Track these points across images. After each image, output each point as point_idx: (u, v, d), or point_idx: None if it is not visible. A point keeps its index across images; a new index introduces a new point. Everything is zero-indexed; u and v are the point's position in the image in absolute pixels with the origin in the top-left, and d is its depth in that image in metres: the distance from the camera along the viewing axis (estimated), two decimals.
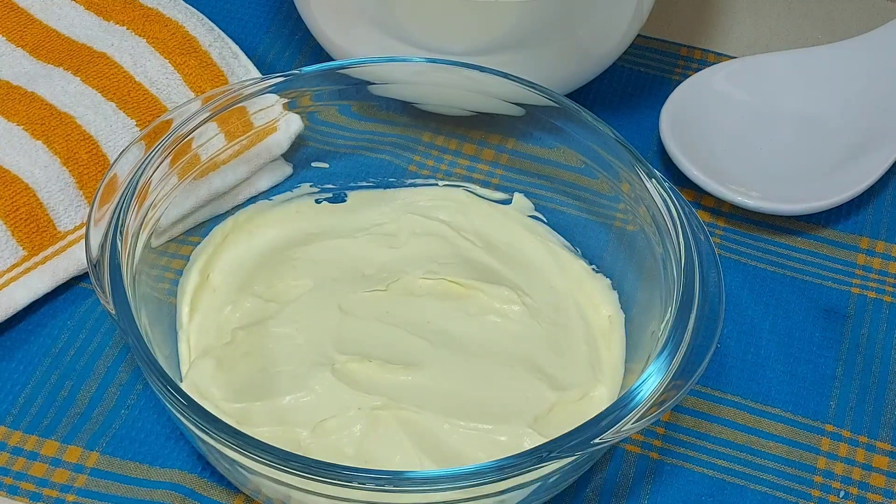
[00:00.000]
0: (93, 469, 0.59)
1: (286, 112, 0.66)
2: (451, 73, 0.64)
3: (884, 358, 0.66)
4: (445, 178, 0.69)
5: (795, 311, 0.67)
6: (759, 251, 0.70)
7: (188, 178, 0.63)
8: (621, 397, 0.54)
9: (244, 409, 0.58)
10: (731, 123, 0.72)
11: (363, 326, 0.62)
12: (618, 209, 0.64)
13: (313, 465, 0.51)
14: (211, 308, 0.63)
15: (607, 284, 0.65)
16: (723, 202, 0.71)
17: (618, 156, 0.62)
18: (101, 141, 0.66)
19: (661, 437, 0.62)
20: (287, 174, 0.69)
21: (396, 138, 0.69)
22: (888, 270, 0.69)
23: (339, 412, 0.58)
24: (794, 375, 0.65)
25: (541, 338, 0.62)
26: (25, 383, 0.62)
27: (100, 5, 0.72)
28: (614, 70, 0.76)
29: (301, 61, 0.77)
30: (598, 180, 0.64)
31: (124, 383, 0.62)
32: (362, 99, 0.66)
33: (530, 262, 0.66)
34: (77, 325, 0.64)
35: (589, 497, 0.60)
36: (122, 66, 0.68)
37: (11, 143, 0.65)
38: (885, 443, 0.63)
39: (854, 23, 0.81)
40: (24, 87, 0.67)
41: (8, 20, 0.71)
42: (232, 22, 0.78)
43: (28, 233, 0.63)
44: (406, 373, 0.60)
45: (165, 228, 0.62)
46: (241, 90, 0.63)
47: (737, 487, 0.61)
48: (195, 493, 0.58)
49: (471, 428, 0.58)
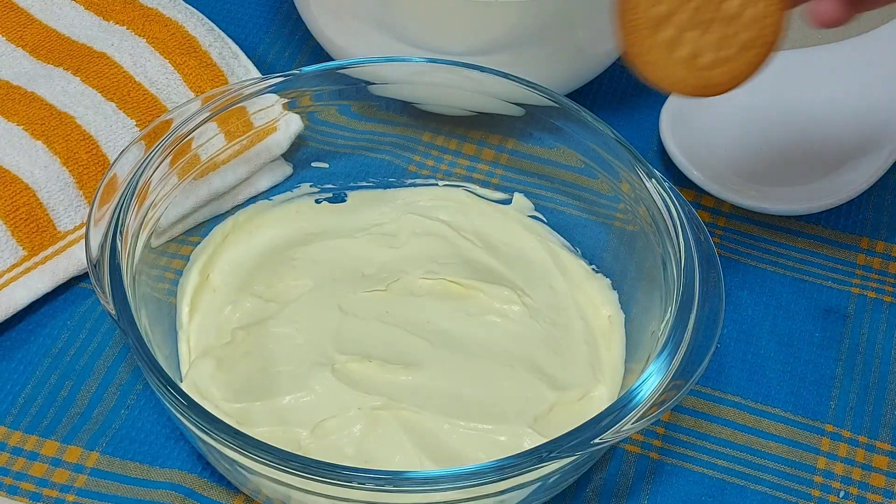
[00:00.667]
0: (93, 469, 0.59)
1: (286, 112, 0.66)
2: (451, 73, 0.64)
3: (884, 358, 0.66)
4: (445, 178, 0.69)
5: (795, 311, 0.67)
6: (759, 251, 0.70)
7: (188, 178, 0.63)
8: (621, 397, 0.54)
9: (244, 409, 0.58)
10: (731, 123, 0.72)
11: (363, 326, 0.62)
12: (618, 209, 0.64)
13: (313, 465, 0.51)
14: (211, 308, 0.63)
15: (607, 284, 0.65)
16: (723, 202, 0.71)
17: (618, 156, 0.62)
18: (101, 141, 0.66)
19: (661, 437, 0.62)
20: (287, 174, 0.69)
21: (396, 138, 0.69)
22: (888, 270, 0.69)
23: (339, 412, 0.58)
24: (794, 375, 0.65)
25: (541, 338, 0.62)
26: (25, 383, 0.62)
27: (100, 5, 0.72)
28: (614, 70, 0.76)
29: (301, 61, 0.77)
30: (598, 180, 0.64)
31: (124, 383, 0.62)
32: (362, 99, 0.66)
33: (530, 262, 0.66)
34: (77, 325, 0.64)
35: (589, 497, 0.60)
36: (122, 66, 0.68)
37: (11, 143, 0.65)
38: (885, 443, 0.63)
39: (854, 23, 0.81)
40: (24, 87, 0.67)
41: (8, 20, 0.71)
42: (232, 22, 0.78)
43: (28, 233, 0.63)
44: (406, 373, 0.60)
45: (165, 228, 0.62)
46: (241, 90, 0.63)
47: (737, 487, 0.61)
48: (195, 493, 0.58)
49: (471, 428, 0.58)
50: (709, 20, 0.49)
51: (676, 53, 0.50)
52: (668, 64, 0.50)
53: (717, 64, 0.50)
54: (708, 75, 0.50)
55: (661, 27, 0.50)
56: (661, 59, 0.50)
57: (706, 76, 0.50)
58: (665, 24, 0.50)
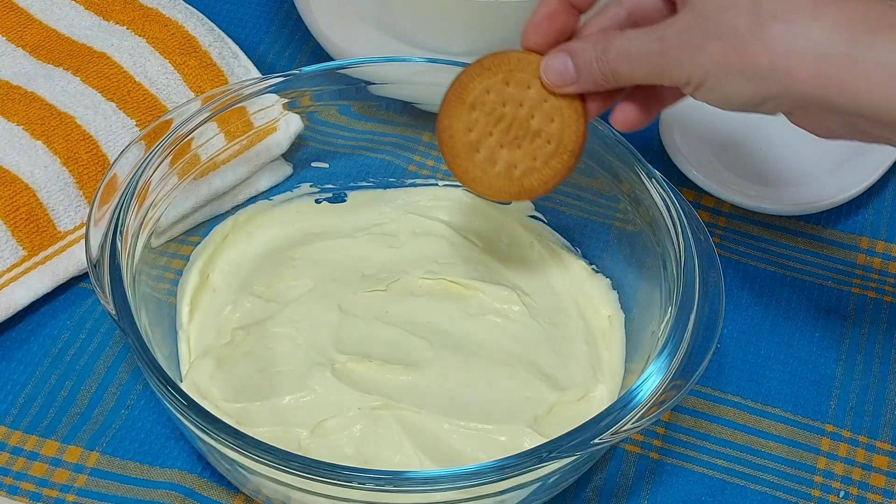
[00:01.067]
0: (93, 469, 0.59)
1: (286, 112, 0.66)
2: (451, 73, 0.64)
3: (884, 358, 0.66)
4: (445, 178, 0.69)
5: (795, 311, 0.67)
6: (759, 251, 0.70)
7: (188, 178, 0.63)
8: (621, 397, 0.54)
9: (244, 410, 0.58)
10: (731, 123, 0.72)
11: (363, 326, 0.62)
12: (618, 209, 0.64)
13: (313, 465, 0.51)
14: (211, 308, 0.63)
15: (607, 284, 0.65)
16: (723, 202, 0.71)
17: (618, 156, 0.62)
18: (101, 141, 0.66)
19: (661, 437, 0.62)
20: (287, 174, 0.69)
21: (396, 138, 0.69)
22: (888, 270, 0.69)
23: (339, 412, 0.58)
24: (794, 375, 0.65)
25: (541, 338, 0.62)
26: (25, 383, 0.62)
27: (100, 5, 0.72)
28: None
29: (301, 61, 0.77)
30: (598, 180, 0.64)
31: (124, 383, 0.62)
32: (362, 99, 0.66)
33: (530, 262, 0.66)
34: (77, 325, 0.64)
35: (589, 497, 0.60)
36: (122, 66, 0.68)
37: (11, 143, 0.65)
38: (885, 443, 0.63)
39: None
40: (24, 87, 0.67)
41: (8, 20, 0.71)
42: (232, 22, 0.78)
43: (28, 233, 0.63)
44: (406, 373, 0.60)
45: (165, 228, 0.62)
46: (241, 90, 0.63)
47: (737, 487, 0.61)
48: (195, 493, 0.58)
49: (471, 428, 0.58)
50: (517, 138, 0.57)
51: (493, 169, 0.58)
52: (488, 178, 0.58)
53: (529, 173, 0.57)
54: (522, 182, 0.58)
55: (477, 150, 0.58)
56: (481, 175, 0.58)
57: (521, 184, 0.58)
58: (479, 146, 0.57)
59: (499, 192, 0.58)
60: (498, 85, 0.57)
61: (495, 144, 0.57)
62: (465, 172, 0.58)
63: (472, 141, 0.57)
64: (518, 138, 0.57)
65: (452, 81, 0.57)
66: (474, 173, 0.58)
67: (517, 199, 0.59)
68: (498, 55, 0.56)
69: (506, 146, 0.57)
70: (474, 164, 0.58)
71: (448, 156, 0.58)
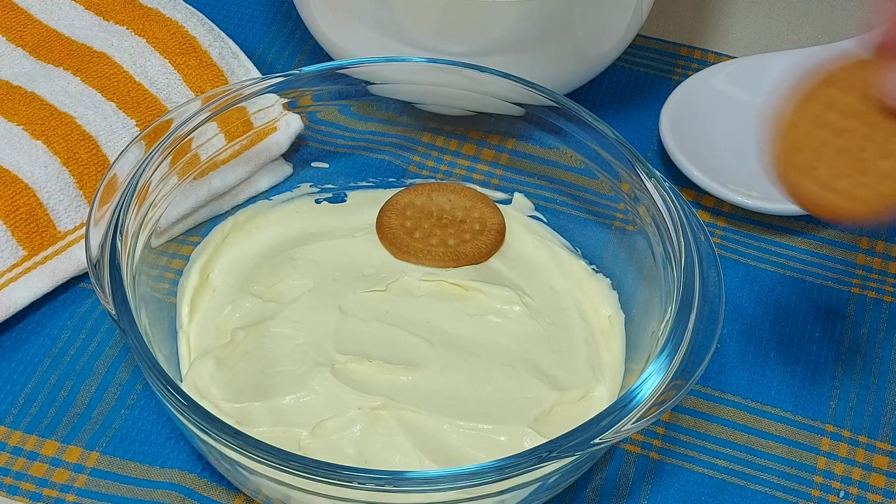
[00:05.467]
0: (93, 469, 0.59)
1: (286, 112, 0.66)
2: (451, 73, 0.64)
3: (884, 358, 0.66)
4: (445, 178, 0.69)
5: (795, 311, 0.67)
6: (759, 251, 0.70)
7: (188, 178, 0.63)
8: (621, 397, 0.54)
9: (244, 410, 0.58)
10: (731, 123, 0.72)
11: (363, 326, 0.62)
12: (618, 209, 0.64)
13: (313, 465, 0.51)
14: (211, 308, 0.63)
15: (607, 284, 0.65)
16: (723, 202, 0.71)
17: (618, 156, 0.62)
18: (101, 141, 0.66)
19: (661, 437, 0.62)
20: (287, 174, 0.69)
21: (396, 138, 0.69)
22: (888, 270, 0.69)
23: (339, 412, 0.58)
24: (794, 375, 0.65)
25: (541, 338, 0.62)
26: (25, 383, 0.62)
27: (100, 5, 0.72)
28: (614, 70, 0.76)
29: (301, 61, 0.77)
30: (598, 180, 0.64)
31: (124, 383, 0.62)
32: (362, 99, 0.66)
33: (530, 262, 0.66)
34: (77, 325, 0.64)
35: (589, 497, 0.60)
36: (122, 66, 0.68)
37: (11, 143, 0.65)
38: (885, 443, 0.63)
39: (854, 24, 0.81)
40: (24, 87, 0.67)
41: (8, 20, 0.71)
42: (232, 22, 0.78)
43: (28, 233, 0.63)
44: (406, 373, 0.60)
45: (165, 228, 0.62)
46: (241, 90, 0.63)
47: (737, 487, 0.61)
48: (195, 493, 0.58)
49: (471, 428, 0.58)
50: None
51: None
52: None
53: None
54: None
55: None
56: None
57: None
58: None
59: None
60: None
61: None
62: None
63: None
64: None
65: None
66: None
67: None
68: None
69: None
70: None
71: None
